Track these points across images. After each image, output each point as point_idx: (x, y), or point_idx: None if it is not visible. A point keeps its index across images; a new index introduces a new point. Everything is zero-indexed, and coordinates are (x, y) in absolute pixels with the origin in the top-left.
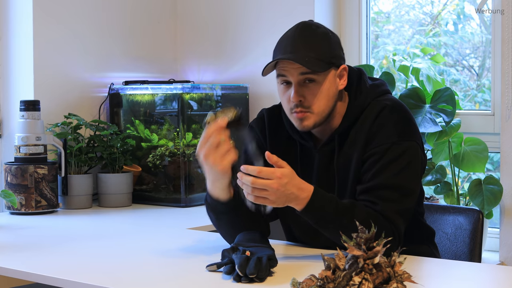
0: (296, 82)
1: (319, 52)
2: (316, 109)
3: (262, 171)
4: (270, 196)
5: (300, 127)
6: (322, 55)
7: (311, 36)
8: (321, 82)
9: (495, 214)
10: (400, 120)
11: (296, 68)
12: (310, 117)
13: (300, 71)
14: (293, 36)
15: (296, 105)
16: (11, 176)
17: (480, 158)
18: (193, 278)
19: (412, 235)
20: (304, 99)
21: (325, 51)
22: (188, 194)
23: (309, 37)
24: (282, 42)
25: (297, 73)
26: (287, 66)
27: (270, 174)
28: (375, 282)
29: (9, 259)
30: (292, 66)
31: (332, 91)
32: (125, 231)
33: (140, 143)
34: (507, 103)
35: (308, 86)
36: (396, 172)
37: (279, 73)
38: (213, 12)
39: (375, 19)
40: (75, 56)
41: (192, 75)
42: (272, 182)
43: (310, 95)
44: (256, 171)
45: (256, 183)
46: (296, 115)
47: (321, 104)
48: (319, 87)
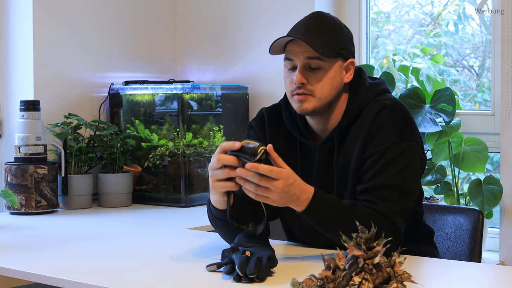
0: (302, 65)
1: (329, 39)
2: (318, 94)
3: (273, 170)
4: (272, 196)
5: (300, 109)
6: (331, 42)
7: (324, 24)
8: (326, 69)
9: (495, 214)
10: (400, 120)
11: (304, 52)
12: (311, 101)
13: (306, 55)
14: (306, 21)
15: (298, 87)
16: (11, 176)
17: (480, 158)
18: (193, 278)
19: (411, 235)
20: (307, 83)
21: (335, 40)
22: (188, 194)
23: (322, 24)
24: (295, 26)
25: (304, 56)
26: (295, 49)
27: (278, 174)
28: (375, 282)
29: (9, 259)
30: (300, 49)
31: (336, 81)
32: (125, 231)
33: (140, 143)
34: (507, 103)
35: (314, 72)
36: (396, 172)
37: (286, 56)
38: (213, 12)
39: (375, 19)
40: (75, 56)
41: (192, 75)
42: (278, 183)
43: (314, 79)
44: (267, 170)
45: (262, 182)
46: (297, 97)
47: (324, 91)
48: (324, 74)
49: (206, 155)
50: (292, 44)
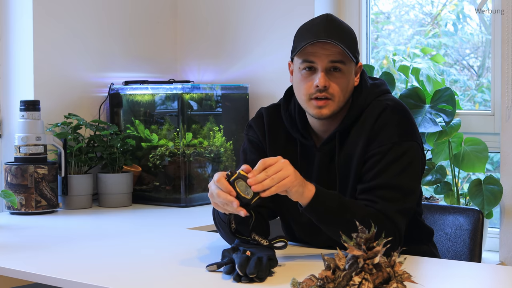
0: (324, 68)
1: (349, 43)
2: (337, 98)
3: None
4: (287, 171)
5: (318, 114)
6: (351, 46)
7: (340, 27)
8: (345, 73)
9: (495, 214)
10: (401, 121)
11: (328, 55)
12: (330, 105)
13: (330, 58)
14: (324, 24)
15: (319, 90)
16: (11, 176)
17: (480, 158)
18: (193, 278)
19: (411, 235)
20: (329, 86)
21: (352, 44)
22: (188, 194)
23: (339, 28)
24: (310, 28)
25: (328, 59)
26: (318, 52)
27: (272, 158)
28: (375, 282)
29: (9, 259)
30: (323, 51)
31: (351, 85)
32: (125, 231)
33: (140, 143)
34: (507, 103)
35: (334, 75)
36: (397, 172)
37: (305, 58)
38: (213, 12)
39: (375, 20)
40: (75, 56)
41: (192, 75)
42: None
43: (335, 83)
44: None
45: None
46: (316, 102)
47: (342, 95)
48: (343, 77)
49: (206, 155)
50: (314, 47)
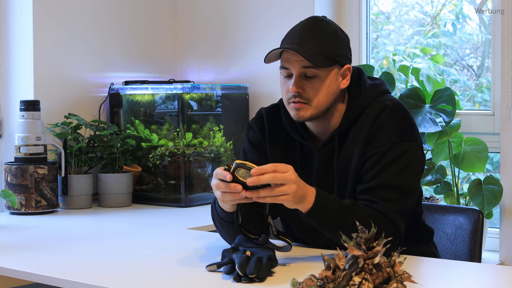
0: (297, 74)
1: (325, 48)
2: (314, 102)
3: (278, 165)
4: (290, 189)
5: (296, 116)
6: (327, 51)
7: (319, 31)
8: (322, 78)
9: (495, 214)
10: (400, 121)
11: (299, 61)
12: (307, 109)
13: (302, 64)
14: (302, 29)
15: (294, 96)
16: (11, 176)
17: (480, 158)
18: (193, 278)
19: (411, 235)
20: (303, 91)
21: (331, 47)
22: (188, 194)
23: (318, 32)
24: (291, 33)
25: (299, 65)
26: (291, 58)
27: (284, 166)
28: (375, 282)
29: (9, 259)
30: (295, 58)
31: (332, 88)
32: (125, 231)
33: (140, 143)
34: (507, 103)
35: (309, 80)
36: (397, 172)
37: (282, 64)
38: (213, 12)
39: (375, 20)
40: (75, 56)
41: (192, 75)
42: (290, 173)
43: (310, 88)
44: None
45: (277, 178)
46: (293, 105)
47: (320, 99)
48: (320, 82)
49: (206, 155)
50: (288, 53)
